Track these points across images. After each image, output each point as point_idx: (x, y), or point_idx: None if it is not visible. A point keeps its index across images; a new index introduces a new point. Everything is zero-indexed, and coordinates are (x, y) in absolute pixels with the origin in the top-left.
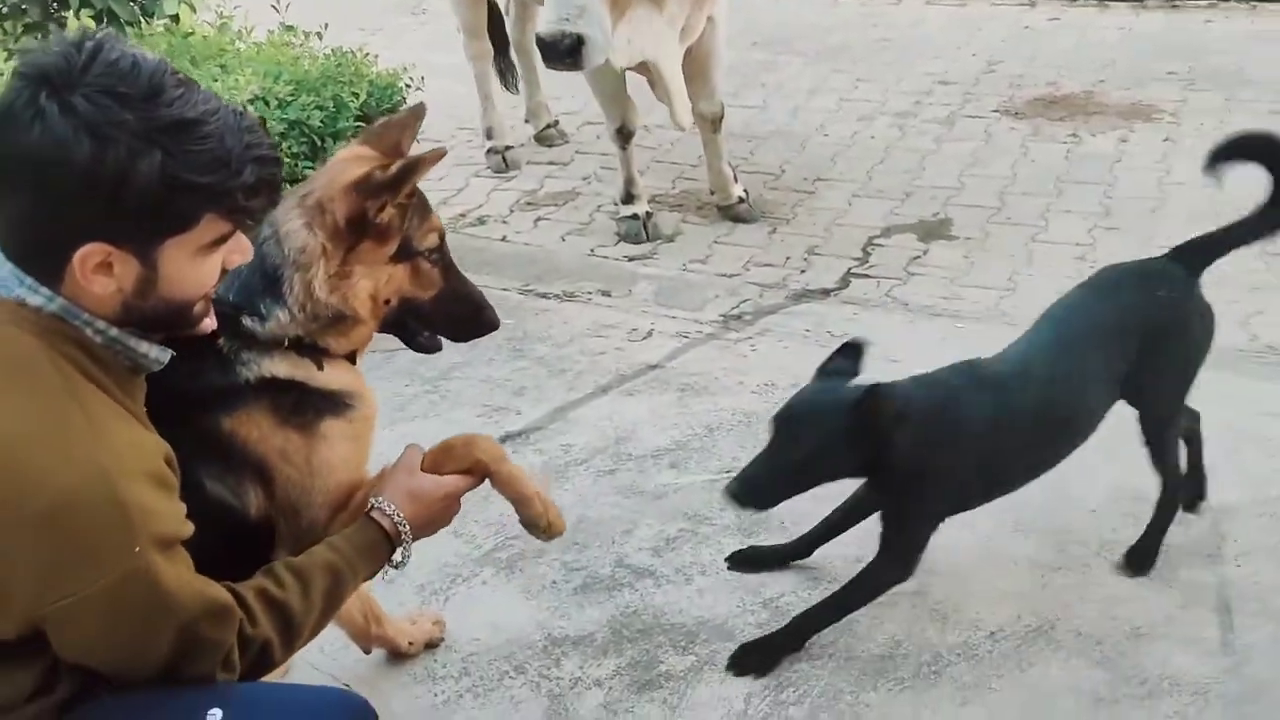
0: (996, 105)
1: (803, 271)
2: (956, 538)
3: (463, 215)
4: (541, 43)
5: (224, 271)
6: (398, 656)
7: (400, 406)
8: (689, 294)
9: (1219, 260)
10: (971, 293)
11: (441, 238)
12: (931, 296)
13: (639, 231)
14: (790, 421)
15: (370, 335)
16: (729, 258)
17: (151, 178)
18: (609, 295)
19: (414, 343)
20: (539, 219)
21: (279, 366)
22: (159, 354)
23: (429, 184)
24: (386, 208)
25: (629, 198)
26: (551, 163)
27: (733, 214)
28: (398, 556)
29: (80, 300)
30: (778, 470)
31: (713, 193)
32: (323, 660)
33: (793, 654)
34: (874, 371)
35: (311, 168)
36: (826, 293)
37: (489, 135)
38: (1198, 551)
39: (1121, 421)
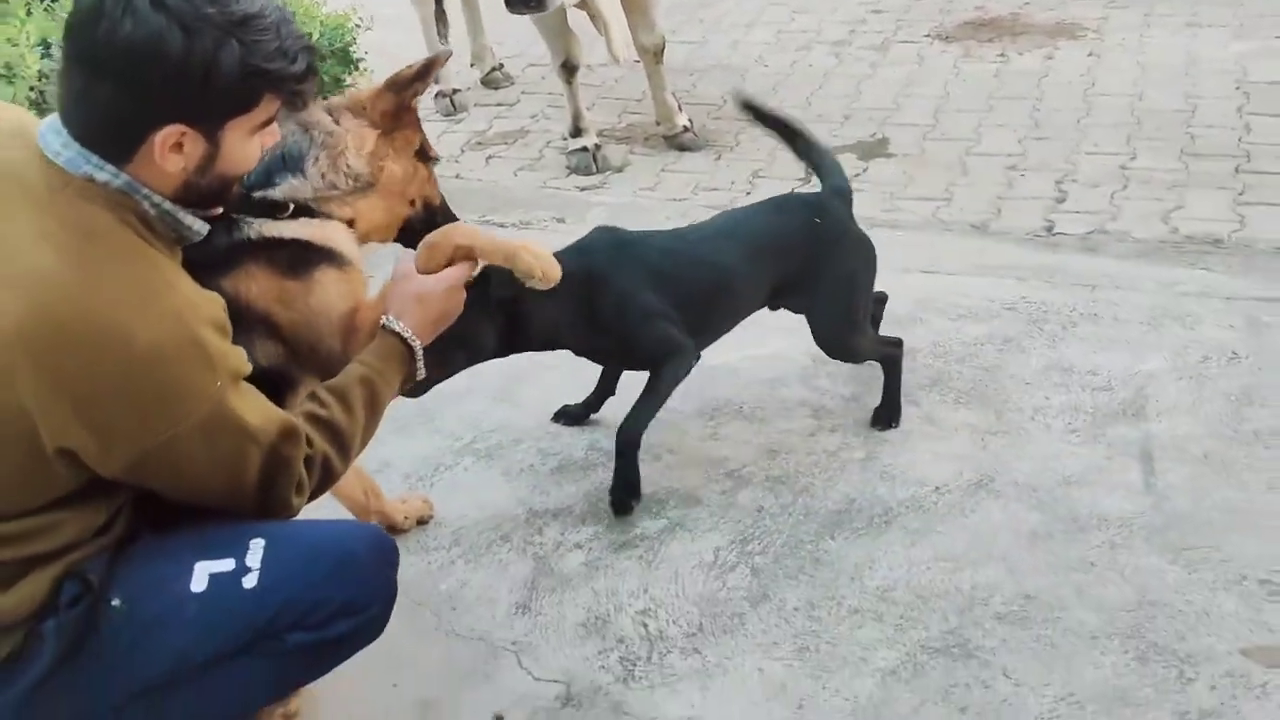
0: (928, 30)
1: (748, 194)
2: (904, 411)
3: None
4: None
5: None
6: (393, 531)
7: None
8: (641, 218)
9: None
10: (910, 204)
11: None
12: (872, 209)
13: (589, 163)
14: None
15: (386, 222)
16: (677, 184)
17: (232, 65)
18: (564, 222)
19: (410, 243)
20: (490, 157)
21: (282, 227)
22: (200, 226)
23: None
24: (417, 95)
25: (577, 131)
26: (499, 104)
27: (678, 143)
28: (419, 363)
29: (141, 177)
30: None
31: (658, 124)
32: None
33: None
34: None
35: None
36: None
37: (436, 80)
38: (1123, 413)
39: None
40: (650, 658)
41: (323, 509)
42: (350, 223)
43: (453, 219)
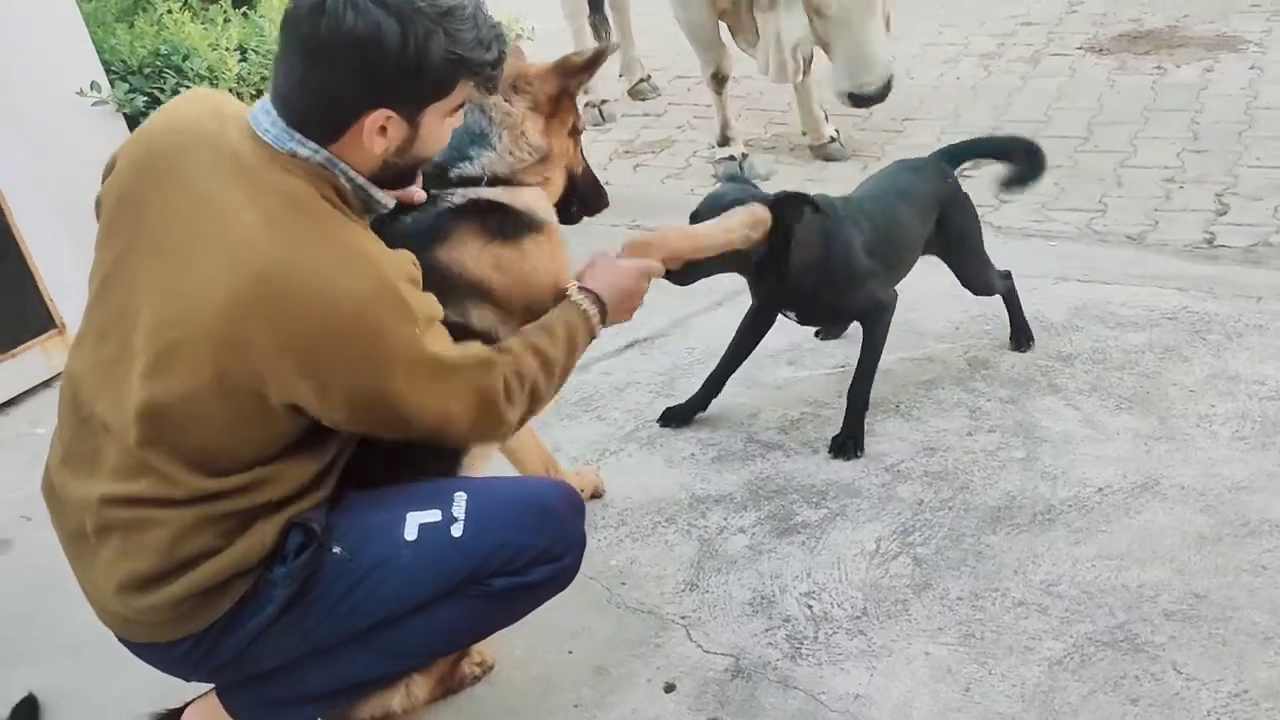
0: (1081, 43)
1: None
2: (1060, 413)
3: None
4: (859, 98)
5: None
6: None
7: None
8: None
9: None
10: (1063, 215)
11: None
12: (1023, 219)
13: (735, 172)
14: (716, 211)
15: (559, 182)
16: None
17: (440, 54)
18: None
19: (566, 214)
20: (637, 165)
21: (484, 192)
22: (388, 200)
23: None
24: (581, 84)
25: (725, 140)
26: (646, 115)
27: (825, 153)
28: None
29: (343, 156)
30: None
31: (805, 134)
32: None
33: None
34: None
35: None
36: None
37: (585, 91)
38: None
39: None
40: (816, 637)
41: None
42: (543, 184)
43: (595, 188)
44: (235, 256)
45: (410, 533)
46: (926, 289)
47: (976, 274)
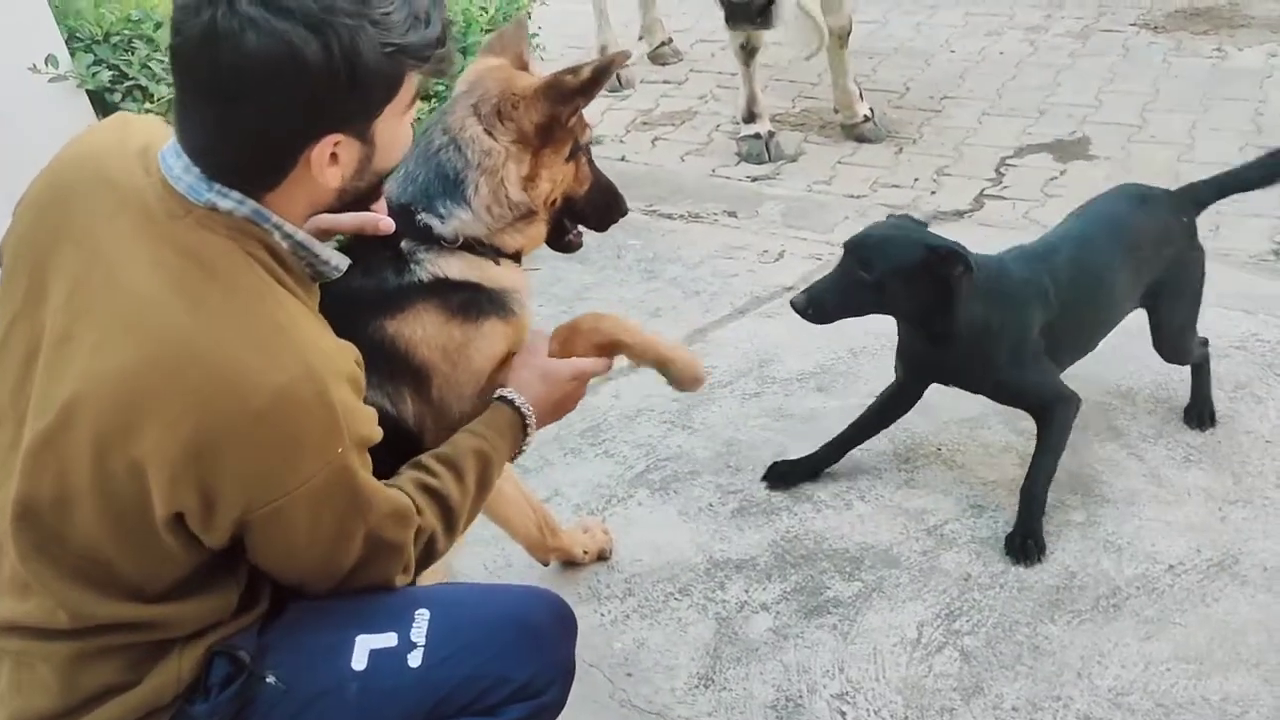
0: (1134, 18)
1: (933, 193)
2: (1123, 465)
3: None
4: (732, 5)
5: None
6: (571, 565)
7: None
8: (818, 215)
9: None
10: None
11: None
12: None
13: (761, 151)
14: (865, 249)
15: (542, 236)
16: (855, 178)
17: (373, 52)
18: (735, 216)
19: (562, 242)
20: (656, 139)
21: (453, 266)
22: (339, 261)
23: None
24: (576, 112)
25: (751, 116)
26: (666, 81)
27: (857, 133)
28: (529, 439)
29: (284, 201)
30: (844, 291)
31: (837, 111)
32: (487, 580)
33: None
34: None
35: (441, 83)
36: (959, 214)
37: (601, 54)
38: None
39: None
40: None
41: (501, 547)
42: (518, 252)
43: (605, 199)
44: (124, 330)
45: (359, 660)
46: None
47: (1178, 339)
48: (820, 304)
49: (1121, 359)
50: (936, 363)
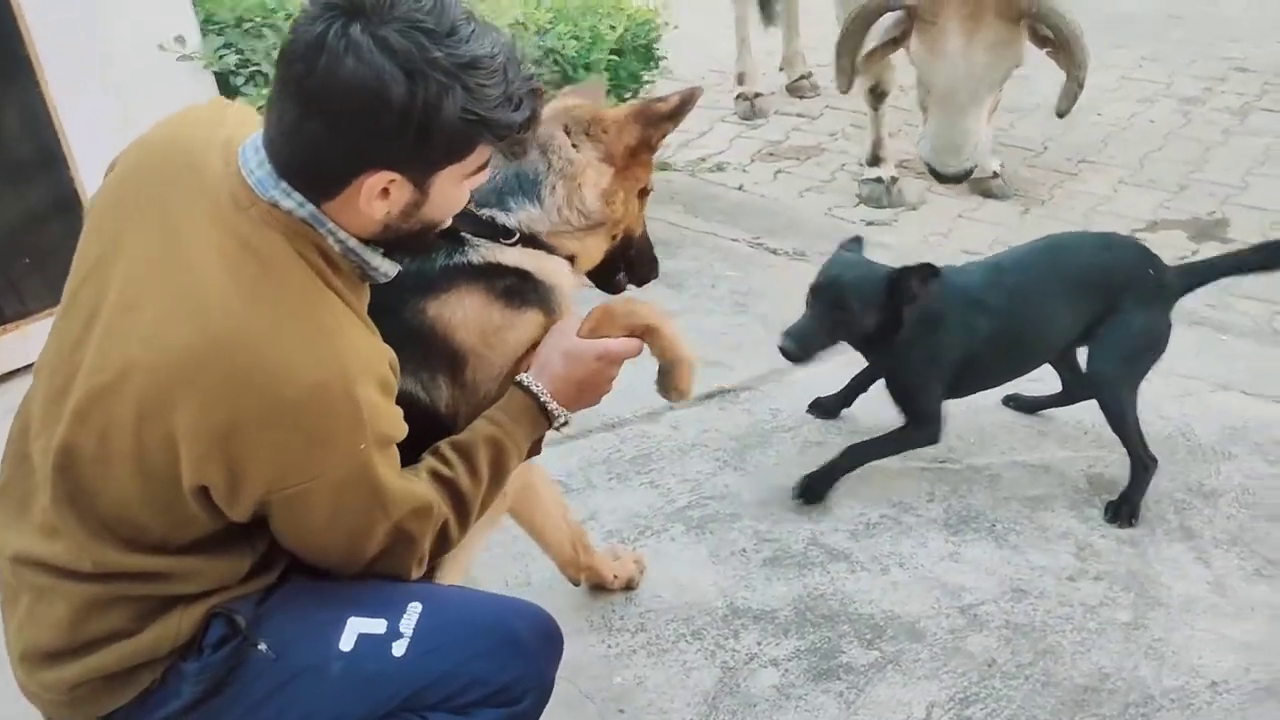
0: None
1: None
2: (1187, 569)
3: (702, 159)
4: (937, 174)
5: None
6: (595, 590)
7: None
8: None
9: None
10: (1242, 304)
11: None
12: (1195, 301)
13: (881, 196)
14: (834, 289)
15: (599, 253)
16: (973, 235)
17: (454, 114)
18: None
19: (610, 282)
20: (779, 171)
21: (508, 254)
22: (389, 268)
23: None
24: (664, 137)
25: (875, 159)
26: (800, 115)
27: (984, 188)
28: (560, 419)
29: (335, 215)
30: (823, 331)
31: None
32: (505, 594)
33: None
34: None
35: None
36: None
37: (740, 80)
38: None
39: None
40: None
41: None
42: (572, 258)
43: (649, 255)
44: (186, 310)
45: (347, 641)
46: (1056, 377)
47: (1098, 388)
48: (806, 345)
49: (1212, 458)
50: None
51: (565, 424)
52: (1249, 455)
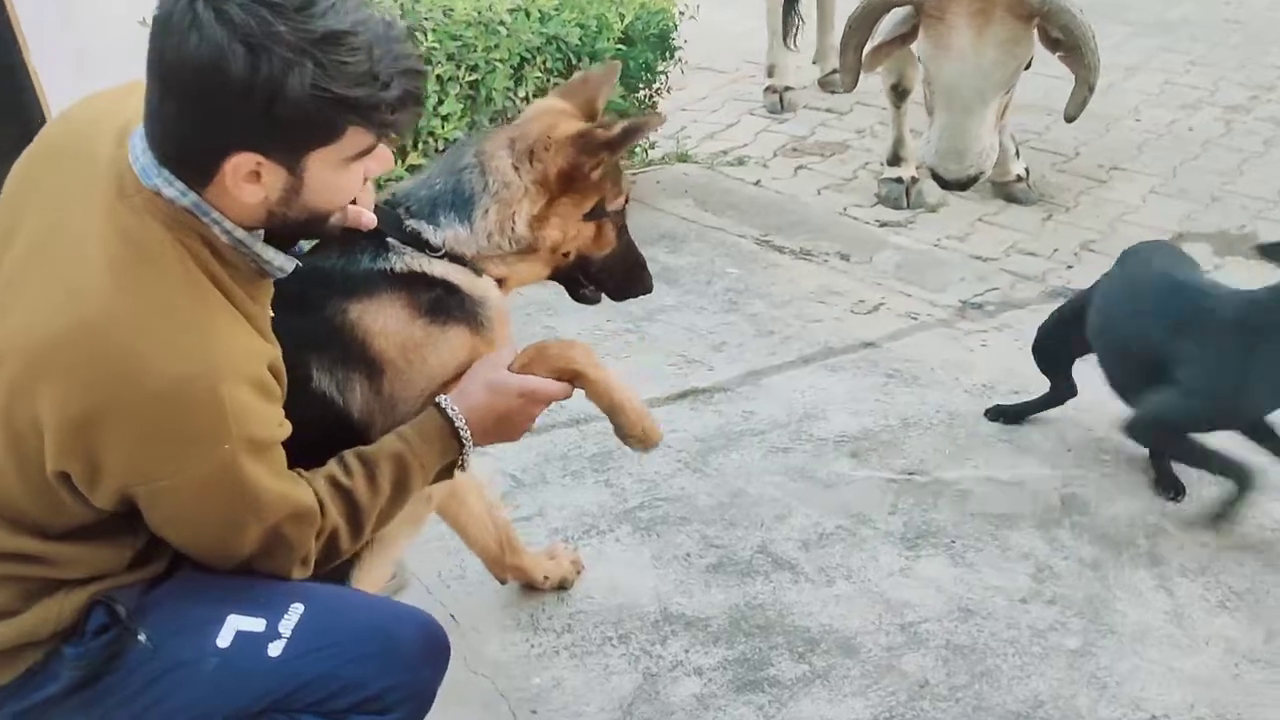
0: None
1: (1069, 267)
2: (1147, 597)
3: (724, 152)
4: (940, 180)
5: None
6: (531, 589)
7: (595, 341)
8: (933, 272)
9: None
10: None
11: (627, 202)
12: None
13: (900, 196)
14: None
15: (535, 279)
16: (990, 239)
17: (302, 91)
18: (847, 260)
19: (576, 293)
20: (800, 167)
21: (435, 266)
22: (284, 263)
23: (701, 115)
24: (601, 166)
25: (896, 159)
26: (829, 110)
27: (1007, 192)
28: (467, 447)
29: (217, 203)
30: None
31: None
32: (437, 586)
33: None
34: None
35: None
36: None
37: (770, 74)
38: None
39: None
40: None
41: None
42: (500, 281)
43: (626, 271)
44: (59, 296)
45: (224, 639)
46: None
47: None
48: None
49: (1193, 483)
50: None
51: (464, 465)
52: (1229, 482)
